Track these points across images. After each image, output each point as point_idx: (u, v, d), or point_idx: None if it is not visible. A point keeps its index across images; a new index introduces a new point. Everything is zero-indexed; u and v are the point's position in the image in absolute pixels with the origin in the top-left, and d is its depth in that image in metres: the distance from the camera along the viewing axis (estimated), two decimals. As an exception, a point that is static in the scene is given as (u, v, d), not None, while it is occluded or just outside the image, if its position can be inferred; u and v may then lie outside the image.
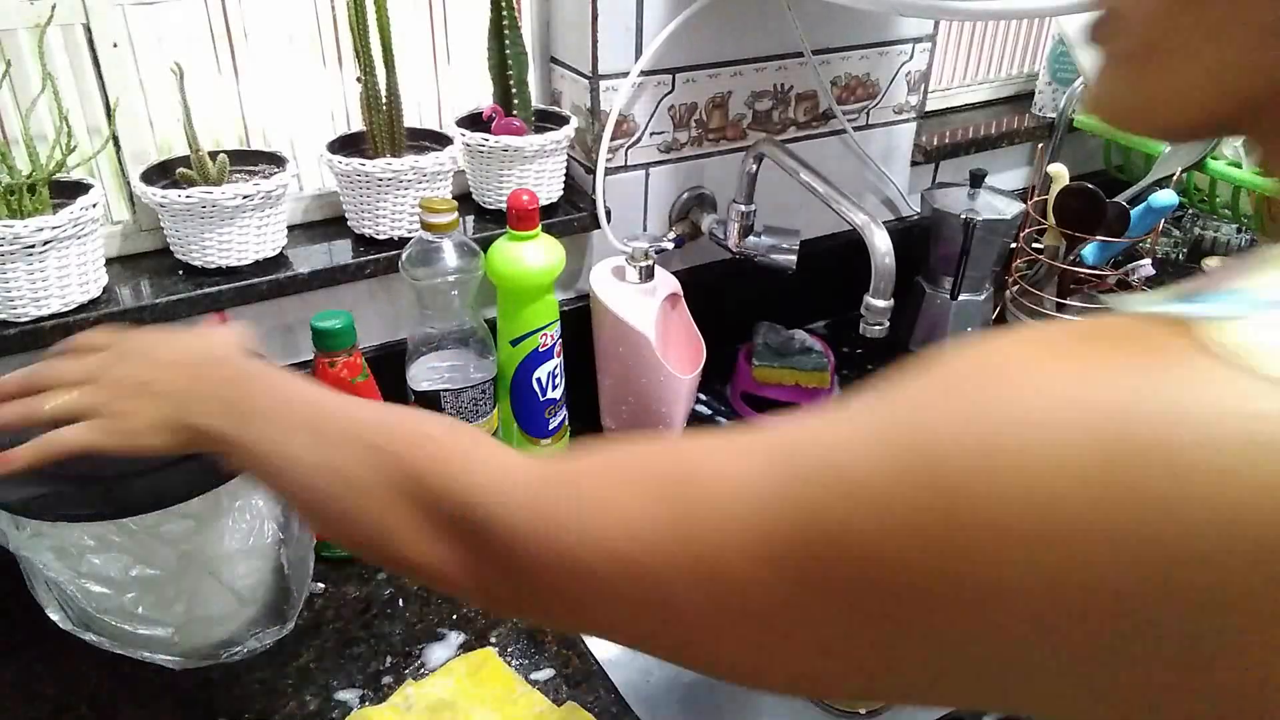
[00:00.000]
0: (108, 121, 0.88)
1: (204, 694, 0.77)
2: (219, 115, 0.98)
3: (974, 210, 1.16)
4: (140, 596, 0.73)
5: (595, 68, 1.00)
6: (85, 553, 0.70)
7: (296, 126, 1.03)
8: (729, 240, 1.09)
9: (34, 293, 0.82)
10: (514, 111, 1.01)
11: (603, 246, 1.08)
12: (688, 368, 1.05)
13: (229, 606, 0.78)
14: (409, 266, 0.91)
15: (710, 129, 1.11)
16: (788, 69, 1.11)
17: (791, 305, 1.27)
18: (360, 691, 0.77)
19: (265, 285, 0.92)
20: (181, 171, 0.89)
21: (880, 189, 1.29)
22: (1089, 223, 1.17)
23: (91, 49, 0.86)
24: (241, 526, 0.76)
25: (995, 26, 1.41)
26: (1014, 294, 1.26)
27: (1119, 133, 1.29)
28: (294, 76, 1.00)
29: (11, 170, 0.79)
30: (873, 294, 0.88)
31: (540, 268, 0.93)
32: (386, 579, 0.89)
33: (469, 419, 0.96)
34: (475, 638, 0.82)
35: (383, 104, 0.93)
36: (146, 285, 0.91)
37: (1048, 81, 1.38)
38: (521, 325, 0.96)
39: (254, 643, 0.80)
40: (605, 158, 1.04)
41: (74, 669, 0.78)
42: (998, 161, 1.38)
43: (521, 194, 0.91)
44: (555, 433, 1.03)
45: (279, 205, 0.92)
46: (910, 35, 1.18)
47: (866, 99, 1.20)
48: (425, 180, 0.95)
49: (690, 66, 1.05)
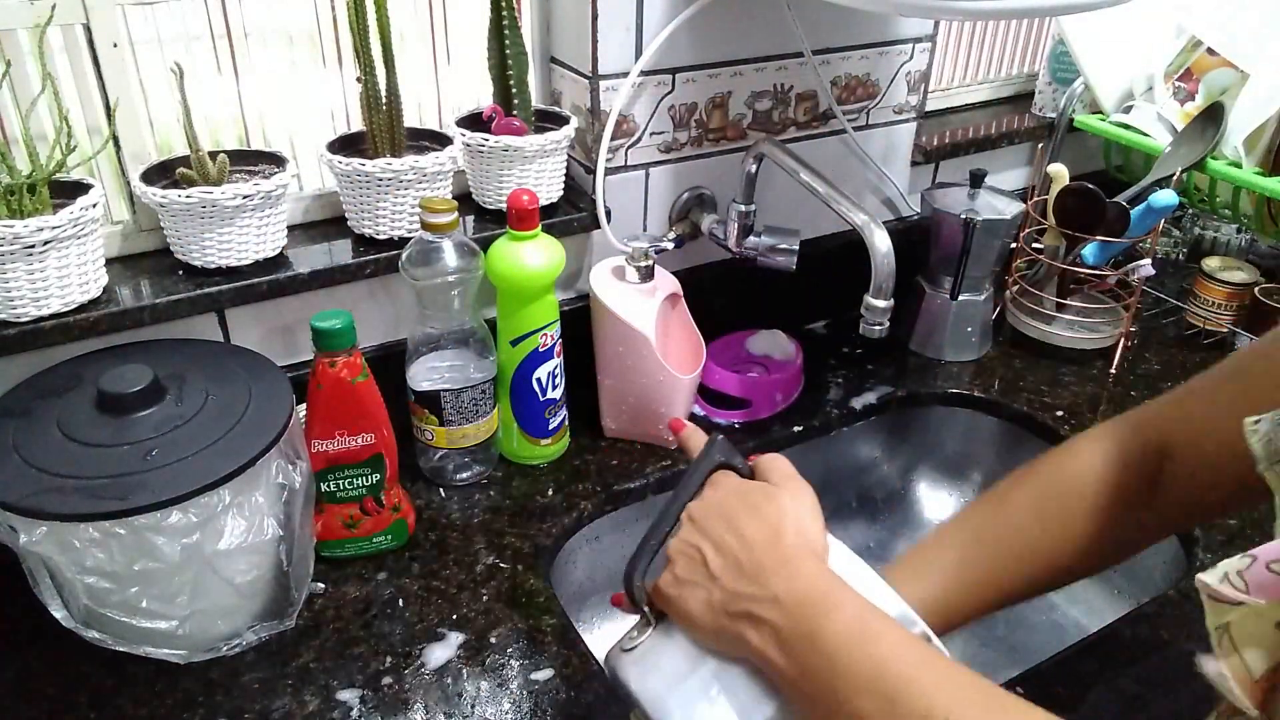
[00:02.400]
0: (108, 121, 0.88)
1: (205, 693, 0.77)
2: (219, 115, 0.98)
3: (974, 210, 1.16)
4: (144, 590, 0.74)
5: (595, 68, 1.00)
6: (90, 547, 0.71)
7: (296, 126, 1.03)
8: (729, 240, 1.09)
9: (34, 293, 0.82)
10: (514, 111, 1.01)
11: (603, 246, 1.08)
12: (688, 368, 1.05)
13: (230, 601, 0.79)
14: (409, 266, 0.91)
15: (710, 129, 1.11)
16: (788, 69, 1.12)
17: (791, 305, 1.27)
18: (360, 691, 0.77)
19: (265, 285, 0.92)
20: (181, 171, 0.89)
21: (880, 189, 1.29)
22: (1089, 223, 1.17)
23: (91, 49, 0.86)
24: (241, 523, 0.76)
25: (995, 26, 1.41)
26: (1014, 294, 1.26)
27: (1119, 133, 1.29)
28: (294, 76, 1.00)
29: (11, 170, 0.79)
30: (873, 294, 0.88)
31: (540, 268, 0.93)
32: (386, 579, 0.89)
33: (469, 419, 0.96)
34: (475, 638, 0.82)
35: (383, 104, 0.93)
36: (146, 285, 0.91)
37: (1048, 81, 1.38)
38: (521, 325, 0.96)
39: (252, 636, 0.80)
40: (605, 158, 1.04)
41: (75, 668, 0.78)
42: (998, 161, 1.38)
43: (521, 194, 0.91)
44: (555, 433, 1.03)
45: (279, 205, 0.92)
46: (910, 35, 1.18)
47: (866, 99, 1.20)
48: (425, 180, 0.96)
49: (690, 66, 1.05)
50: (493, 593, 0.87)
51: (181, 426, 0.76)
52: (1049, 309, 1.24)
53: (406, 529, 0.92)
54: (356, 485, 0.87)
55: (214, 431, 0.76)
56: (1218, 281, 1.26)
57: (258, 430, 0.77)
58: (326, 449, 0.85)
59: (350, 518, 0.88)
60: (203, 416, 0.78)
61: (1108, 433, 0.68)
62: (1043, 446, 1.14)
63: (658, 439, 1.06)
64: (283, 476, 0.79)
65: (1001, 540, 0.67)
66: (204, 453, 0.74)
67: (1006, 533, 0.67)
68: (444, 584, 0.88)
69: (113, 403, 0.76)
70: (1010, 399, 1.17)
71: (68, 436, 0.75)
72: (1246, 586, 0.41)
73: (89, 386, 0.78)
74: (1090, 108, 1.35)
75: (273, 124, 1.02)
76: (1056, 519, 0.66)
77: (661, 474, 1.03)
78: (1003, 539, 0.67)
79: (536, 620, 0.84)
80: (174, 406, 0.78)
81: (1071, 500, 0.66)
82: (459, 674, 0.79)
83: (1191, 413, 0.64)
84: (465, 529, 0.95)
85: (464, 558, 0.91)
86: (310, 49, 1.00)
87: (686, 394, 1.06)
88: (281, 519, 0.79)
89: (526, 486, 1.01)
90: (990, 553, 0.66)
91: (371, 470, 0.87)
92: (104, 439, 0.74)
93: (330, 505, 0.87)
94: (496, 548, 0.92)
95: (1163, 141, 1.25)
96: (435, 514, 0.96)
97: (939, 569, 0.66)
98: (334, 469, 0.86)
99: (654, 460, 1.05)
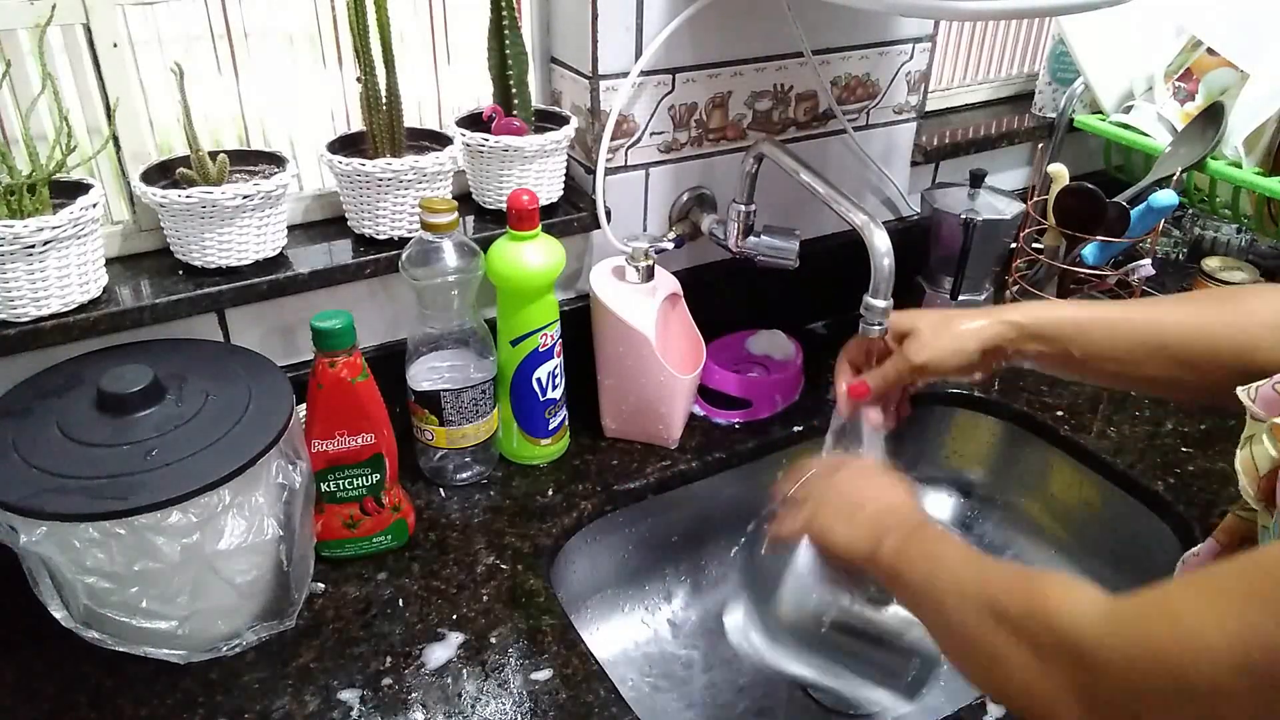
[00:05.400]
0: (108, 121, 0.88)
1: (205, 693, 0.77)
2: (219, 115, 0.98)
3: (974, 210, 1.16)
4: (144, 590, 0.74)
5: (595, 68, 1.00)
6: (90, 547, 0.71)
7: (296, 126, 1.03)
8: (729, 240, 1.08)
9: (34, 293, 0.82)
10: (514, 111, 1.01)
11: (603, 246, 1.08)
12: (688, 368, 1.05)
13: (230, 601, 0.79)
14: (409, 266, 0.91)
15: (710, 129, 1.11)
16: (788, 69, 1.12)
17: (791, 305, 1.27)
18: (360, 691, 0.77)
19: (265, 285, 0.92)
20: (181, 171, 0.89)
21: (880, 189, 1.29)
22: (1089, 223, 1.17)
23: (91, 49, 0.86)
24: (241, 523, 0.76)
25: (995, 26, 1.41)
26: (1014, 294, 1.26)
27: (1119, 133, 1.29)
28: (294, 76, 1.00)
29: (11, 170, 0.79)
30: (872, 294, 0.88)
31: (540, 268, 0.93)
32: (386, 579, 0.89)
33: (469, 419, 0.96)
34: (475, 638, 0.82)
35: (383, 104, 0.93)
36: (146, 285, 0.91)
37: (1048, 81, 1.38)
38: (521, 325, 0.96)
39: (252, 636, 0.80)
40: (605, 158, 1.04)
41: (75, 668, 0.78)
42: (998, 161, 1.38)
43: (521, 194, 0.91)
44: (555, 433, 1.03)
45: (279, 205, 0.92)
46: (910, 35, 1.18)
47: (866, 99, 1.20)
48: (425, 180, 0.96)
49: (690, 66, 1.05)
50: (493, 593, 0.87)
51: (181, 426, 0.76)
52: (1049, 309, 1.24)
53: (406, 529, 0.92)
54: (356, 485, 0.87)
55: (214, 431, 0.76)
56: (1218, 281, 1.26)
57: (258, 430, 0.77)
58: (326, 449, 0.85)
59: (350, 518, 0.88)
60: (203, 416, 0.78)
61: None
62: (1043, 446, 1.14)
63: (658, 439, 1.06)
64: (283, 476, 0.79)
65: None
66: (204, 453, 0.74)
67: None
68: (444, 584, 0.88)
69: (113, 403, 0.76)
70: (1010, 399, 1.17)
71: (68, 436, 0.75)
72: (1255, 399, 0.54)
73: (89, 386, 0.78)
74: (1090, 108, 1.35)
75: (273, 124, 1.02)
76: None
77: (661, 474, 1.03)
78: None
79: (536, 620, 0.84)
80: (174, 406, 0.78)
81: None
82: (459, 674, 0.79)
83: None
84: (465, 529, 0.95)
85: (464, 558, 0.91)
86: (310, 49, 1.00)
87: (686, 394, 1.06)
88: (281, 519, 0.79)
89: (526, 486, 1.01)
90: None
91: (371, 470, 0.87)
92: (104, 439, 0.74)
93: (330, 505, 0.87)
94: (496, 548, 0.92)
95: (1163, 141, 1.25)
96: (435, 514, 0.96)
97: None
98: (334, 469, 0.86)
99: (654, 460, 1.05)
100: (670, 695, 1.03)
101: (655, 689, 1.04)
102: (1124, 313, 0.75)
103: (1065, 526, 1.16)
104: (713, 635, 1.10)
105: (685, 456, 1.06)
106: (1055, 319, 0.76)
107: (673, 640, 1.09)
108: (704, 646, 1.08)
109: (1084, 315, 0.76)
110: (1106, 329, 0.74)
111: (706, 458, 1.06)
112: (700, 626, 1.11)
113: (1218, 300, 0.73)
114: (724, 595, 1.13)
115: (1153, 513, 1.02)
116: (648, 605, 1.11)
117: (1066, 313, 0.76)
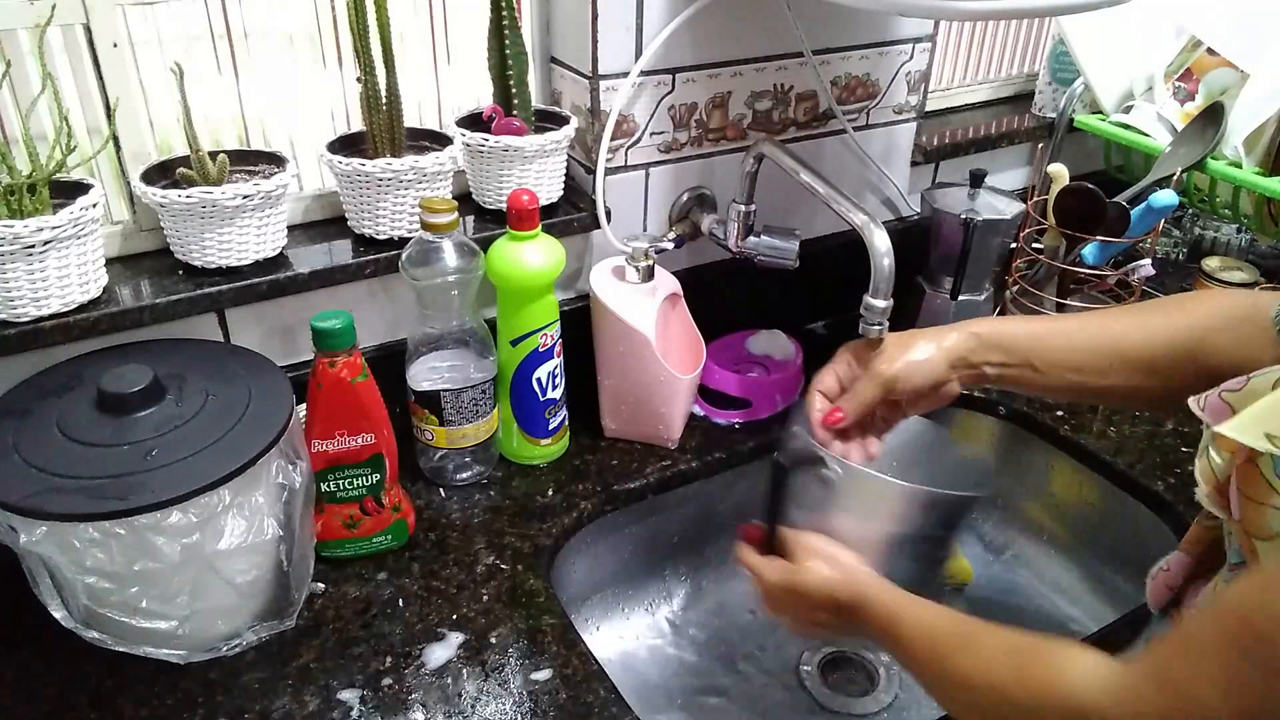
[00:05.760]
0: (108, 121, 0.88)
1: (205, 693, 0.77)
2: (219, 115, 0.98)
3: (974, 210, 1.16)
4: (144, 590, 0.74)
5: (595, 68, 1.00)
6: (90, 547, 0.71)
7: (296, 126, 1.03)
8: (729, 240, 1.08)
9: (34, 293, 0.82)
10: (514, 111, 1.01)
11: (603, 246, 1.08)
12: (688, 368, 1.05)
13: (230, 601, 0.79)
14: (409, 266, 0.91)
15: (710, 129, 1.11)
16: (788, 69, 1.11)
17: (791, 305, 1.27)
18: (360, 691, 0.77)
19: (265, 285, 0.92)
20: (181, 171, 0.89)
21: (880, 189, 1.29)
22: (1089, 223, 1.17)
23: (91, 49, 0.86)
24: (241, 523, 0.76)
25: (995, 26, 1.41)
26: (1014, 294, 1.26)
27: (1119, 133, 1.29)
28: (294, 76, 1.00)
29: (11, 170, 0.79)
30: (872, 294, 0.88)
31: (540, 268, 0.93)
32: (386, 579, 0.89)
33: (469, 419, 0.96)
34: (475, 638, 0.82)
35: (383, 104, 0.93)
36: (146, 285, 0.91)
37: (1048, 81, 1.38)
38: (521, 325, 0.96)
39: (252, 636, 0.80)
40: (605, 158, 1.04)
41: (75, 668, 0.78)
42: (998, 161, 1.38)
43: (521, 194, 0.91)
44: (555, 433, 1.03)
45: (279, 205, 0.92)
46: (910, 35, 1.18)
47: (866, 99, 1.20)
48: (425, 180, 0.96)
49: (690, 66, 1.05)
50: (493, 593, 0.87)
51: (181, 426, 0.76)
52: (1049, 309, 1.24)
53: (406, 529, 0.92)
54: (356, 485, 0.87)
55: (214, 431, 0.76)
56: (1218, 281, 1.26)
57: (258, 430, 0.77)
58: (326, 449, 0.85)
59: (350, 518, 0.88)
60: (203, 416, 0.78)
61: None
62: (1043, 446, 1.14)
63: (658, 439, 1.06)
64: (283, 476, 0.79)
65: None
66: (204, 453, 0.74)
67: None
68: (444, 584, 0.88)
69: (113, 403, 0.76)
70: (1010, 399, 1.17)
71: (68, 436, 0.75)
72: (1205, 408, 0.56)
73: (89, 386, 0.78)
74: (1090, 108, 1.35)
75: (273, 124, 1.02)
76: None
77: (661, 474, 1.04)
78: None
79: (536, 620, 0.84)
80: (174, 406, 0.78)
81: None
82: (459, 674, 0.79)
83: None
84: (465, 529, 0.95)
85: (464, 558, 0.91)
86: (310, 49, 1.00)
87: (686, 394, 1.06)
88: (281, 519, 0.79)
89: (526, 486, 1.01)
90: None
91: (371, 470, 0.87)
92: (104, 439, 0.74)
93: (330, 505, 0.87)
94: (496, 548, 0.92)
95: (1163, 141, 1.25)
96: (435, 514, 0.96)
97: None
98: (334, 469, 0.86)
99: (654, 460, 1.05)
100: (670, 695, 1.03)
101: (655, 689, 1.04)
102: (1079, 324, 0.77)
103: (1065, 526, 1.16)
104: (713, 635, 1.10)
105: (685, 456, 1.06)
106: (1012, 331, 0.77)
107: (673, 640, 1.09)
108: (704, 646, 1.08)
109: (1041, 327, 0.77)
110: (1064, 339, 0.75)
111: (706, 458, 1.06)
112: (700, 626, 1.11)
113: (1162, 306, 0.75)
114: (724, 595, 1.14)
115: (1153, 513, 1.02)
116: (648, 605, 1.11)
117: (1023, 326, 0.78)
